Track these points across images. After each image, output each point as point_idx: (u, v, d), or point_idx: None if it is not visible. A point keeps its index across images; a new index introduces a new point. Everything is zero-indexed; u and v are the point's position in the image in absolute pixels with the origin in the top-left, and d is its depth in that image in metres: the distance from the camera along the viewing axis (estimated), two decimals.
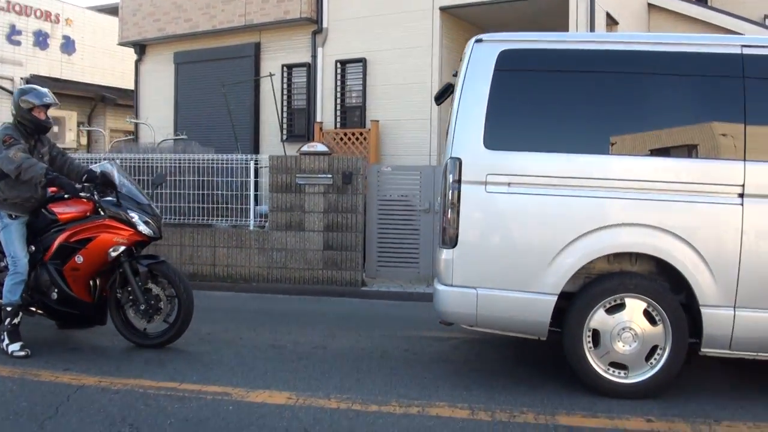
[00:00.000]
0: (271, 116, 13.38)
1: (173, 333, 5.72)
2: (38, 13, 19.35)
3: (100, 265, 5.65)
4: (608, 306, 4.47)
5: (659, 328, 4.41)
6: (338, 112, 12.86)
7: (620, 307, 4.47)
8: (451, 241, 4.67)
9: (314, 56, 12.86)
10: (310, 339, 6.19)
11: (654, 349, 4.43)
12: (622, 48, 4.72)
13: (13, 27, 18.69)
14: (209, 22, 14.07)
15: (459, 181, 4.65)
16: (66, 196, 5.73)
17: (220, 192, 9.87)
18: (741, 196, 4.34)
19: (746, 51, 4.48)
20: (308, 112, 13.11)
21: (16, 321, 5.51)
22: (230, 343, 6.03)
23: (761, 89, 4.43)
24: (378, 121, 12.04)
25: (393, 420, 4.06)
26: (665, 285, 4.50)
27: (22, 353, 5.41)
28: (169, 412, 4.20)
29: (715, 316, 4.32)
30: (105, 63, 20.48)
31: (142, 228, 5.63)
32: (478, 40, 4.83)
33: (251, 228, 9.71)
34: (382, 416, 4.12)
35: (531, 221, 4.61)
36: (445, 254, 4.71)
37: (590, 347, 4.49)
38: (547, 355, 5.52)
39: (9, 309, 5.48)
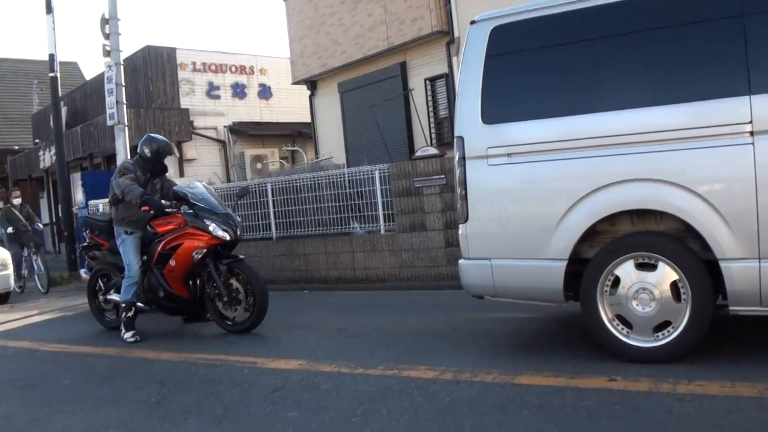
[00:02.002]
0: (422, 128, 14.10)
1: (252, 321, 6.66)
2: (233, 69, 21.77)
3: (190, 266, 6.79)
4: (636, 262, 4.32)
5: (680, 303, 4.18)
6: None
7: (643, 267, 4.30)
8: (463, 216, 4.92)
9: (450, 66, 13.38)
10: (377, 323, 6.75)
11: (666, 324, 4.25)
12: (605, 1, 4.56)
13: (211, 84, 21.26)
14: (360, 51, 15.19)
15: (463, 158, 4.84)
16: (159, 213, 6.99)
17: (353, 202, 10.67)
18: (751, 134, 3.94)
19: None
20: (451, 120, 13.64)
21: (129, 315, 6.95)
22: (305, 327, 6.82)
23: (760, 13, 4.06)
24: None
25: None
26: (688, 247, 4.21)
27: (132, 339, 6.82)
28: (198, 374, 5.12)
29: (737, 271, 4.00)
30: (298, 102, 22.41)
31: (219, 233, 6.64)
32: (472, 22, 5.05)
33: (382, 232, 10.36)
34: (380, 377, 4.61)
35: (532, 189, 4.67)
36: (461, 229, 4.99)
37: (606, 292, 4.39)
38: None
39: (124, 305, 6.96)
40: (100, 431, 4.10)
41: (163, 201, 7.11)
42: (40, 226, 14.19)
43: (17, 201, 13.44)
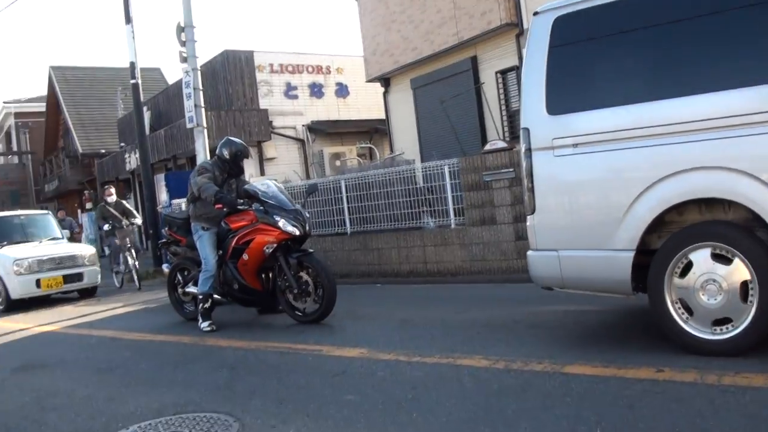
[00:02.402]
0: (494, 121, 14.15)
1: (321, 312, 6.92)
2: (310, 69, 22.22)
3: (261, 260, 7.14)
4: (713, 252, 4.21)
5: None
6: None
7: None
8: (530, 207, 4.94)
9: (520, 58, 13.37)
10: (440, 315, 6.91)
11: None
12: None
13: (289, 84, 21.76)
14: (430, 47, 15.34)
15: (529, 150, 4.84)
16: (233, 210, 7.35)
17: (424, 197, 10.82)
18: None
19: None
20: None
21: (206, 306, 7.36)
22: (371, 319, 7.04)
23: None
24: None
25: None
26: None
27: (209, 328, 7.22)
28: (266, 360, 5.41)
29: None
30: (375, 99, 22.65)
31: (288, 228, 6.95)
32: (535, 13, 5.07)
33: (452, 226, 10.48)
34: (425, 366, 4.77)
35: (599, 179, 4.61)
36: (528, 221, 5.01)
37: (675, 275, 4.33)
38: None
39: (201, 297, 7.38)
40: (169, 409, 4.41)
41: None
42: (139, 221, 14.72)
43: (111, 199, 13.72)
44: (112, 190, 14.14)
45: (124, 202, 14.37)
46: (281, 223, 6.94)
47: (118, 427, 4.16)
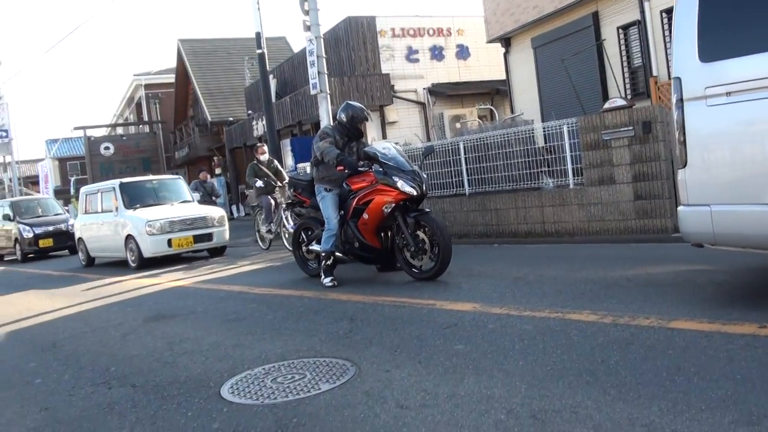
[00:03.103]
0: (615, 79, 13.86)
1: (437, 269, 7.16)
2: (431, 32, 22.34)
3: (381, 219, 7.43)
4: None
5: None
6: (669, 63, 12.83)
7: None
8: (682, 161, 4.66)
9: (642, 11, 13.03)
10: (554, 273, 7.02)
11: None
12: None
13: (410, 48, 22.00)
14: (551, 4, 15.13)
15: (681, 100, 4.60)
16: (353, 172, 7.70)
17: (542, 157, 10.81)
18: None
19: None
20: (644, 68, 13.31)
21: (329, 262, 7.78)
22: (486, 276, 7.23)
23: None
24: None
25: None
26: None
27: (331, 284, 7.64)
28: (383, 313, 5.75)
29: None
30: (496, 59, 22.46)
31: (407, 189, 7.19)
32: None
33: (571, 186, 10.43)
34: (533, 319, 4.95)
35: (755, 129, 4.33)
36: (680, 175, 4.74)
37: None
38: None
39: (323, 254, 7.79)
40: (292, 354, 4.79)
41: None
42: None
43: (264, 157, 13.38)
44: (265, 148, 13.81)
45: (275, 161, 14.04)
46: (399, 183, 7.17)
47: (244, 369, 4.56)
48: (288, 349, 4.97)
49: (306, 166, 14.56)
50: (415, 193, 7.22)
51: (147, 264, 12.77)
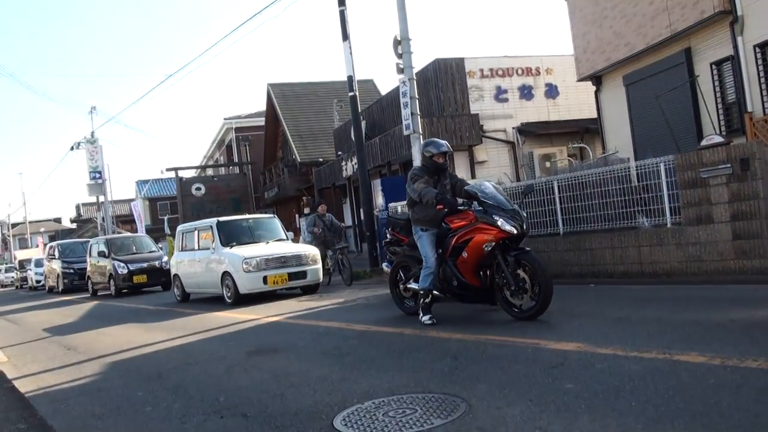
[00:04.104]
0: (709, 115, 13.63)
1: (537, 308, 7.11)
2: (519, 71, 22.43)
3: (480, 257, 7.45)
4: None
5: None
6: (764, 98, 12.55)
7: None
8: None
9: (735, 47, 12.82)
10: (657, 314, 6.96)
11: None
12: None
13: (498, 88, 22.13)
14: (642, 41, 15.04)
15: None
16: (453, 210, 7.76)
17: (639, 196, 10.67)
18: None
19: None
20: (739, 104, 13.05)
21: (427, 300, 7.85)
22: (587, 317, 7.20)
23: None
24: None
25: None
26: None
27: (430, 322, 7.68)
28: (486, 351, 5.81)
29: None
30: (585, 98, 22.32)
31: (507, 227, 7.21)
32: None
33: (668, 225, 10.25)
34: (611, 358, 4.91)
35: None
36: None
37: None
38: None
39: (422, 292, 7.87)
40: (400, 389, 4.87)
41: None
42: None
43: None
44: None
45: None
46: (500, 222, 7.19)
47: (353, 402, 4.67)
48: (396, 384, 5.06)
49: (398, 205, 14.84)
50: (515, 232, 7.23)
51: (242, 300, 13.08)
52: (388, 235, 9.18)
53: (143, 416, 5.06)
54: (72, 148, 41.50)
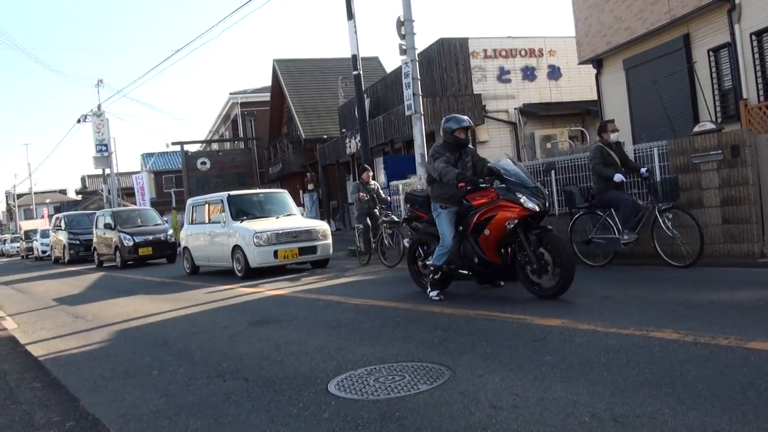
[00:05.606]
0: (705, 101, 13.87)
1: (558, 287, 7.16)
2: (523, 53, 22.64)
3: (502, 235, 7.44)
4: None
5: None
6: (759, 86, 12.78)
7: None
8: None
9: (732, 34, 13.05)
10: (640, 293, 7.31)
11: None
12: None
13: (501, 69, 22.35)
14: (642, 26, 15.25)
15: None
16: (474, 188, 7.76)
17: (632, 179, 10.89)
18: None
19: None
20: (735, 91, 13.28)
21: (437, 277, 7.97)
22: (573, 295, 7.37)
23: None
24: None
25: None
26: None
27: (437, 298, 7.86)
28: (475, 325, 6.11)
29: None
30: (588, 80, 22.48)
31: (530, 205, 7.20)
32: None
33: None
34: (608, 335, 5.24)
35: None
36: None
37: None
38: None
39: (432, 268, 7.97)
40: (391, 358, 5.21)
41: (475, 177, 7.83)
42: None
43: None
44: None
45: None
46: (523, 199, 7.18)
47: (348, 369, 5.01)
48: (387, 353, 5.40)
49: (399, 183, 15.07)
50: (537, 209, 7.21)
51: (252, 274, 13.34)
52: (407, 212, 9.19)
53: (150, 379, 5.40)
54: (79, 121, 41.89)
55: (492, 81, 22.26)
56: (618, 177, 9.51)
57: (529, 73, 22.69)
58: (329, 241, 14.21)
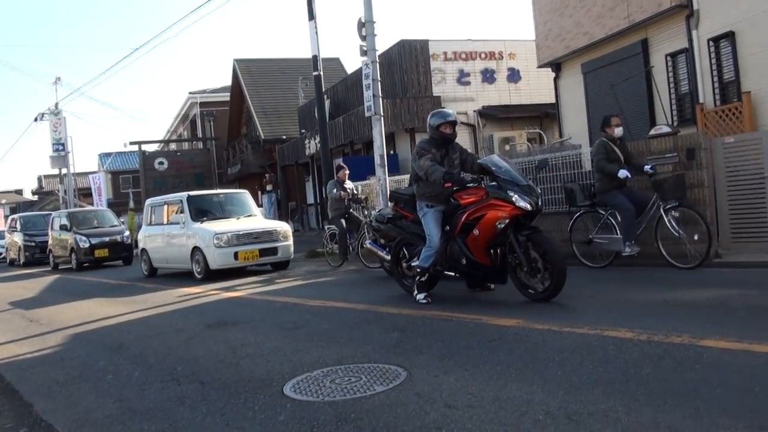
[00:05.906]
0: (662, 105, 14.09)
1: (550, 291, 6.87)
2: (483, 55, 22.82)
3: (492, 235, 7.07)
4: None
5: None
6: (716, 91, 13.02)
7: None
8: None
9: (690, 40, 13.28)
10: (594, 293, 7.47)
11: None
12: None
13: (461, 71, 22.50)
14: (601, 31, 15.44)
15: None
16: (462, 187, 7.42)
17: (589, 181, 10.99)
18: None
19: None
20: (691, 95, 13.52)
21: (423, 279, 7.61)
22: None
23: None
24: (750, 92, 11.95)
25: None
26: None
27: (425, 300, 7.53)
28: (431, 326, 6.10)
29: None
30: (546, 83, 22.65)
31: (522, 204, 6.86)
32: None
33: None
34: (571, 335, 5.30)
35: None
36: None
37: None
38: None
39: (419, 270, 7.61)
40: (348, 360, 5.20)
41: (463, 174, 7.58)
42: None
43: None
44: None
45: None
46: (515, 198, 6.85)
47: (304, 371, 4.98)
48: (344, 355, 5.38)
49: (359, 185, 15.01)
50: (529, 208, 6.90)
51: (212, 276, 13.12)
52: (392, 211, 8.85)
53: (105, 383, 5.31)
54: (36, 120, 41.06)
55: (452, 83, 22.37)
56: (623, 173, 9.14)
57: (488, 76, 22.85)
58: (290, 242, 14.05)
